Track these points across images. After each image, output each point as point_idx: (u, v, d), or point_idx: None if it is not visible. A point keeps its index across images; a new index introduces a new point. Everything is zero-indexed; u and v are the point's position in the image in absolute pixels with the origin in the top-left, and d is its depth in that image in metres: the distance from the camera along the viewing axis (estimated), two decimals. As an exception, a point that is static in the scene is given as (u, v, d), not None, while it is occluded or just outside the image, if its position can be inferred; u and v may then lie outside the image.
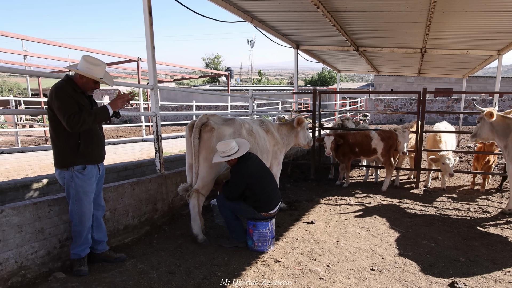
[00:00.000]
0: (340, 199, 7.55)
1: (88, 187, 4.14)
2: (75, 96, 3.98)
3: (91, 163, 4.18)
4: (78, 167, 4.08)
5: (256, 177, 4.86)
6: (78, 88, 4.08)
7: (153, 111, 6.02)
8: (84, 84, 4.12)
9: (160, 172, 6.15)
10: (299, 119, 6.61)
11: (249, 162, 4.91)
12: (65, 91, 3.91)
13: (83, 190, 4.10)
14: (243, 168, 4.85)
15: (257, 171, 4.91)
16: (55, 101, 3.87)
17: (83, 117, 3.87)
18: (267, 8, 8.54)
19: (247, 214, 4.94)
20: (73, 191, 4.08)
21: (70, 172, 4.06)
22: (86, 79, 4.11)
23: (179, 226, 5.89)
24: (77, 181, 4.07)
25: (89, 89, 4.18)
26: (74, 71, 4.10)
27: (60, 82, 4.03)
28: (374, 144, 8.31)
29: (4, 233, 3.72)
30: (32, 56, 15.99)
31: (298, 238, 5.38)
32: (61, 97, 3.88)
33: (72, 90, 3.98)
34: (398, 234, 5.59)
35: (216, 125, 5.13)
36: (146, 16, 5.78)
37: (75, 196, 4.08)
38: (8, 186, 5.20)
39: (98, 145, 4.28)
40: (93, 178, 4.21)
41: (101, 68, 4.16)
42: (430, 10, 6.96)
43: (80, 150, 4.05)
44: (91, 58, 4.09)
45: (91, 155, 4.18)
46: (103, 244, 4.54)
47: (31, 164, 9.47)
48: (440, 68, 16.26)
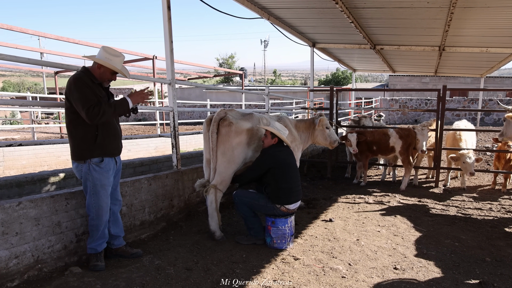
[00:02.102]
0: (358, 197, 7.41)
1: (105, 180, 4.08)
2: (93, 87, 3.93)
3: (108, 156, 4.12)
4: (96, 160, 4.02)
5: (282, 164, 4.83)
6: (96, 79, 4.03)
7: (170, 106, 5.96)
8: (101, 74, 4.07)
9: (177, 168, 6.08)
10: (322, 120, 6.47)
11: (283, 148, 4.99)
12: (84, 82, 3.86)
13: (100, 183, 4.05)
14: (276, 151, 4.88)
15: (285, 160, 4.89)
16: (74, 92, 3.82)
17: (103, 109, 3.82)
18: (285, 4, 8.44)
19: (266, 210, 4.85)
20: (90, 184, 4.02)
21: (87, 165, 4.00)
22: (104, 69, 4.05)
23: (196, 223, 5.81)
24: (94, 174, 4.01)
25: (106, 79, 4.13)
26: (93, 59, 4.06)
27: (78, 73, 3.98)
28: (392, 142, 8.15)
29: (21, 225, 3.67)
30: (49, 53, 16.10)
31: (317, 236, 5.27)
32: (80, 87, 3.82)
33: (90, 81, 3.93)
34: (420, 233, 5.44)
35: (234, 119, 5.05)
36: (165, 10, 5.72)
37: (92, 189, 4.03)
38: (26, 180, 5.18)
39: (116, 137, 4.22)
40: (110, 171, 4.16)
41: (120, 59, 4.11)
42: (451, 5, 6.78)
43: (97, 142, 4.00)
44: (110, 48, 4.06)
45: (109, 147, 4.12)
46: (120, 239, 4.48)
47: (47, 160, 9.50)
48: (457, 67, 15.98)
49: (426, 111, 9.78)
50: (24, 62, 4.21)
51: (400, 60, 15.69)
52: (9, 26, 10.19)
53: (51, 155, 9.66)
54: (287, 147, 5.14)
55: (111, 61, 4.01)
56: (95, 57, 4.04)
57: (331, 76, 61.09)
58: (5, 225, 3.54)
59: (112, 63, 4.02)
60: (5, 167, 8.70)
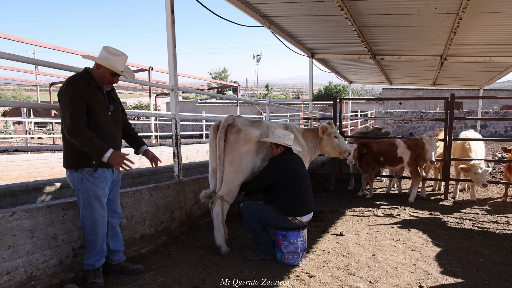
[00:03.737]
0: (366, 210, 7.12)
1: (99, 191, 3.73)
2: (88, 91, 3.57)
3: (103, 166, 3.74)
4: (88, 169, 3.67)
5: (292, 172, 4.53)
6: (94, 82, 3.68)
7: (172, 113, 5.65)
8: (100, 76, 3.71)
9: (179, 178, 5.76)
10: (323, 127, 6.13)
11: (291, 156, 4.70)
12: (76, 86, 3.51)
13: (94, 194, 3.69)
14: (284, 160, 4.59)
15: (295, 168, 4.59)
16: (64, 95, 3.51)
17: (81, 134, 3.44)
18: (287, 12, 8.21)
19: (277, 223, 4.52)
20: (83, 195, 3.67)
21: (79, 174, 3.66)
22: (103, 70, 3.69)
23: (198, 236, 5.47)
24: (88, 184, 3.66)
25: (105, 82, 3.75)
26: (90, 59, 3.73)
27: (75, 75, 3.66)
28: (400, 152, 7.89)
29: (15, 238, 3.33)
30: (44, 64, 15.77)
31: (329, 251, 4.95)
32: (71, 93, 3.49)
33: (86, 84, 3.59)
34: (439, 248, 5.14)
35: (243, 126, 4.74)
36: (168, 13, 5.47)
37: (86, 200, 3.68)
38: (20, 189, 4.82)
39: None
40: (105, 181, 3.80)
41: (121, 59, 3.75)
42: (461, 10, 6.57)
43: None
44: (111, 48, 3.71)
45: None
46: (120, 254, 4.13)
47: (41, 171, 9.14)
48: (456, 78, 15.83)
49: (433, 120, 9.59)
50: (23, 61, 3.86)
51: (398, 71, 15.53)
52: (6, 35, 9.89)
53: (45, 166, 9.30)
54: (296, 155, 4.84)
55: (111, 60, 3.66)
56: (93, 57, 3.72)
57: (324, 89, 61.21)
58: (-3, 238, 3.19)
59: (112, 62, 3.66)
60: (-4, 178, 8.34)
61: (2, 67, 15.07)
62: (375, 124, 28.53)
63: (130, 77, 4.07)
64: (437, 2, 6.52)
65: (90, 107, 3.57)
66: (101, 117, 3.71)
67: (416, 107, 37.82)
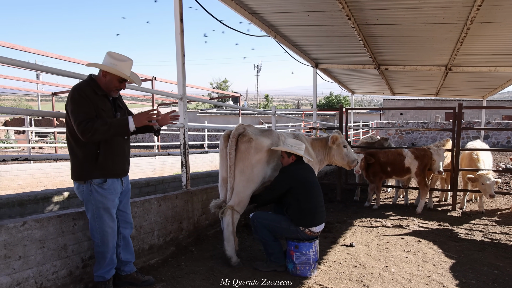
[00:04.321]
0: (375, 221, 7.05)
1: (109, 202, 3.65)
2: (95, 99, 3.51)
3: (112, 176, 3.68)
4: (97, 180, 3.58)
5: (304, 182, 4.46)
6: (100, 89, 3.61)
7: (181, 122, 5.61)
8: (107, 83, 3.63)
9: (186, 188, 5.70)
10: (334, 136, 6.10)
11: (303, 166, 4.64)
12: (83, 93, 3.45)
13: (103, 206, 3.61)
14: (295, 170, 4.53)
15: (307, 178, 4.52)
16: (70, 103, 3.44)
17: (96, 126, 3.35)
18: (294, 21, 8.24)
19: (289, 233, 4.45)
20: (92, 207, 3.59)
21: (88, 186, 3.57)
22: (110, 77, 3.62)
23: (207, 247, 5.39)
24: (97, 196, 3.58)
25: (112, 89, 3.68)
26: (96, 66, 3.64)
27: (80, 83, 3.59)
28: (408, 162, 7.83)
29: (25, 248, 3.26)
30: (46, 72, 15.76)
31: (341, 262, 4.87)
32: (77, 99, 3.42)
33: (92, 92, 3.51)
34: (451, 260, 5.06)
35: (254, 135, 4.70)
36: (177, 22, 5.46)
37: (95, 212, 3.60)
38: (28, 198, 4.75)
39: (121, 156, 3.77)
40: (115, 192, 3.72)
41: (127, 64, 3.67)
42: (470, 20, 6.57)
43: (98, 162, 3.56)
44: (116, 53, 3.63)
45: (112, 168, 3.67)
46: (130, 265, 4.05)
47: (44, 181, 9.07)
48: (460, 89, 15.84)
49: (441, 130, 9.53)
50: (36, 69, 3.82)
51: (402, 82, 15.55)
52: (11, 45, 9.88)
53: (49, 176, 9.23)
54: (308, 164, 4.79)
55: (117, 66, 3.58)
56: (99, 64, 3.64)
57: (325, 100, 61.27)
58: (8, 248, 3.13)
59: (119, 68, 3.59)
60: (1, 187, 8.25)
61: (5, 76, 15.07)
62: (376, 134, 28.52)
63: (137, 82, 4.00)
64: (445, 12, 6.53)
65: (97, 115, 3.50)
66: None
67: (418, 117, 37.82)
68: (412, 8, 6.57)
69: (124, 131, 3.56)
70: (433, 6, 6.39)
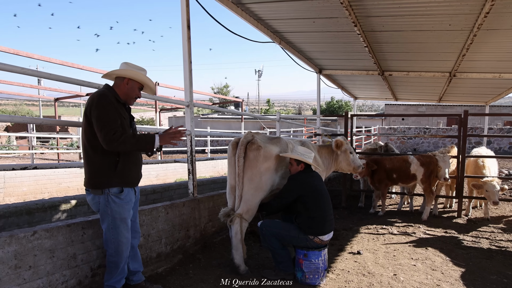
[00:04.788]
0: (381, 228, 7.02)
1: (125, 212, 3.63)
2: (118, 107, 3.52)
3: (128, 186, 3.66)
4: (114, 190, 3.55)
5: (313, 190, 4.44)
6: (120, 98, 3.63)
7: (188, 129, 5.60)
8: (128, 91, 3.66)
9: (193, 195, 5.68)
10: (338, 141, 6.08)
11: (312, 174, 4.62)
12: (109, 100, 3.45)
13: (120, 216, 3.58)
14: (305, 178, 4.50)
15: (316, 186, 4.50)
16: (96, 109, 3.40)
17: (124, 137, 3.37)
18: (299, 28, 8.24)
19: (298, 242, 4.43)
20: (109, 217, 3.56)
21: (105, 197, 3.53)
22: (132, 84, 3.65)
23: (214, 255, 5.36)
24: (114, 207, 3.55)
25: (133, 96, 3.72)
26: (119, 74, 3.64)
27: (102, 90, 3.58)
28: (414, 169, 7.80)
29: (35, 258, 3.24)
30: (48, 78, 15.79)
31: (349, 270, 4.85)
32: (105, 106, 3.41)
33: (115, 100, 3.54)
34: (459, 268, 5.03)
35: (263, 143, 4.69)
36: (185, 29, 5.47)
37: (111, 223, 3.57)
38: (36, 206, 4.73)
39: (137, 164, 3.78)
40: (130, 202, 3.70)
41: (145, 73, 3.75)
42: (476, 27, 6.56)
43: (117, 170, 3.54)
44: (132, 64, 3.69)
45: (129, 176, 3.67)
46: (139, 275, 4.03)
47: (48, 187, 9.05)
48: (463, 94, 15.82)
49: (446, 137, 9.50)
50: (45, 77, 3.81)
51: (405, 87, 15.55)
52: (15, 51, 9.90)
53: (52, 182, 9.21)
54: (316, 172, 4.77)
55: (138, 74, 3.66)
56: (120, 70, 3.65)
57: (326, 105, 61.30)
58: (18, 258, 3.11)
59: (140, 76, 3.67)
60: (5, 193, 8.23)
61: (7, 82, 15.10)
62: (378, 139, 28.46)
63: (154, 88, 4.05)
64: (452, 19, 6.53)
65: (119, 122, 3.51)
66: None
67: (419, 122, 37.81)
68: (418, 15, 6.57)
69: (148, 148, 3.57)
70: (440, 14, 6.39)
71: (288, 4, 6.73)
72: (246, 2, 6.84)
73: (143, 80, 3.70)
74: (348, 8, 6.33)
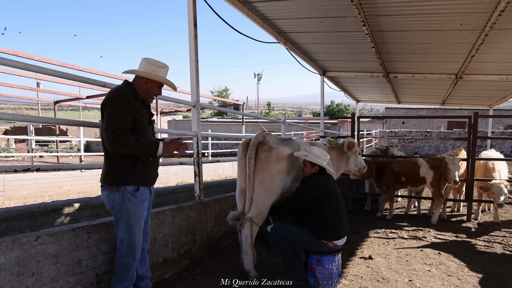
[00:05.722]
0: (390, 232, 6.85)
1: (140, 212, 3.49)
2: (135, 104, 3.38)
3: (144, 184, 3.53)
4: (131, 188, 3.41)
5: (328, 193, 4.27)
6: (139, 95, 3.50)
7: (194, 131, 5.44)
8: (148, 90, 3.54)
9: (199, 198, 5.52)
10: (350, 142, 5.94)
11: (326, 177, 4.44)
12: (127, 98, 3.32)
13: (135, 216, 3.44)
14: (320, 181, 4.32)
15: (330, 189, 4.32)
16: (109, 107, 3.27)
17: (128, 140, 3.21)
18: (306, 28, 8.09)
19: (311, 246, 4.26)
20: (123, 216, 3.41)
21: (121, 194, 3.39)
22: (151, 84, 3.53)
23: (221, 260, 5.19)
24: (129, 205, 3.41)
25: (152, 95, 3.60)
26: (137, 73, 3.51)
27: (121, 86, 3.43)
28: (423, 172, 7.64)
29: (39, 264, 3.07)
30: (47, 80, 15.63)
31: (362, 276, 4.68)
32: (119, 104, 3.27)
33: (133, 97, 3.40)
34: (476, 274, 4.86)
35: (275, 144, 4.52)
36: (191, 27, 5.31)
37: (126, 222, 3.41)
38: (38, 210, 4.55)
39: (154, 163, 3.63)
40: (145, 202, 3.56)
41: (166, 70, 3.60)
42: (489, 27, 6.41)
43: (135, 168, 3.41)
44: (154, 60, 3.53)
45: (146, 174, 3.53)
46: (147, 281, 3.86)
47: (48, 191, 8.87)
48: (467, 97, 15.68)
49: (456, 139, 9.30)
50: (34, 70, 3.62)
51: (408, 90, 15.40)
52: (16, 52, 9.74)
53: (53, 185, 9.03)
54: (330, 175, 4.60)
55: (158, 73, 3.51)
56: (138, 71, 3.51)
57: (326, 109, 61.20)
58: (21, 264, 2.94)
59: (161, 75, 3.53)
60: (5, 197, 8.04)
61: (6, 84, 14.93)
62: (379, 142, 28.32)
63: (174, 86, 3.99)
64: (463, 18, 6.39)
65: (137, 120, 3.38)
66: (146, 131, 3.53)
67: (420, 126, 37.68)
68: (429, 14, 6.42)
69: (151, 154, 3.46)
70: (451, 12, 6.25)
71: (296, 3, 6.59)
72: (253, 1, 6.70)
73: (162, 81, 3.57)
74: (358, 6, 6.18)
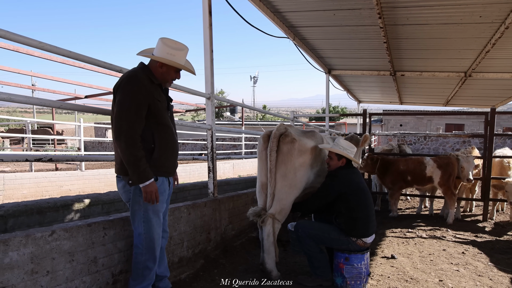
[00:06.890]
0: (407, 231, 6.62)
1: (159, 204, 3.16)
2: (151, 89, 3.06)
3: (163, 175, 3.22)
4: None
5: (357, 188, 4.00)
6: (156, 79, 3.16)
7: (208, 124, 5.18)
8: (164, 75, 3.19)
9: (214, 195, 5.25)
10: (366, 136, 5.72)
11: (354, 170, 4.19)
12: (140, 83, 2.99)
13: (153, 208, 3.13)
14: (348, 175, 4.06)
15: (359, 184, 4.06)
16: (121, 92, 2.97)
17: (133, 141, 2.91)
18: (317, 21, 7.88)
19: (339, 244, 4.00)
20: (140, 208, 3.11)
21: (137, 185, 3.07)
22: (167, 68, 3.17)
23: (238, 260, 4.92)
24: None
25: (169, 80, 3.25)
26: (150, 57, 3.18)
27: (135, 70, 3.12)
28: (430, 171, 7.37)
29: (54, 262, 2.79)
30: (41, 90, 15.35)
31: (389, 276, 4.43)
32: (130, 90, 2.96)
33: (149, 82, 3.07)
34: (507, 274, 4.62)
35: (297, 136, 4.27)
36: (206, 16, 5.06)
37: (143, 216, 3.12)
38: (48, 205, 4.25)
39: (173, 152, 3.32)
40: (164, 193, 3.26)
41: (184, 53, 3.22)
42: (511, 18, 6.22)
43: (153, 157, 3.10)
44: (171, 41, 3.16)
45: (165, 164, 3.22)
46: (165, 281, 3.57)
47: (49, 190, 8.57)
48: (472, 98, 15.53)
49: (472, 136, 9.08)
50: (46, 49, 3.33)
51: (413, 89, 15.23)
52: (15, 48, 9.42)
53: (53, 185, 8.73)
54: (357, 169, 4.36)
55: (175, 57, 3.14)
56: (153, 55, 3.18)
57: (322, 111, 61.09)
58: (35, 261, 2.66)
59: (176, 59, 3.15)
60: (4, 196, 7.73)
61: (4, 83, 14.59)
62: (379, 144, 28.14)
63: (193, 70, 3.46)
64: (484, 9, 6.19)
65: (153, 107, 3.05)
66: (165, 118, 3.20)
67: (418, 128, 37.56)
68: (448, 5, 6.23)
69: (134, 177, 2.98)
70: (471, 3, 6.05)
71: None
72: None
73: (178, 66, 3.21)
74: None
